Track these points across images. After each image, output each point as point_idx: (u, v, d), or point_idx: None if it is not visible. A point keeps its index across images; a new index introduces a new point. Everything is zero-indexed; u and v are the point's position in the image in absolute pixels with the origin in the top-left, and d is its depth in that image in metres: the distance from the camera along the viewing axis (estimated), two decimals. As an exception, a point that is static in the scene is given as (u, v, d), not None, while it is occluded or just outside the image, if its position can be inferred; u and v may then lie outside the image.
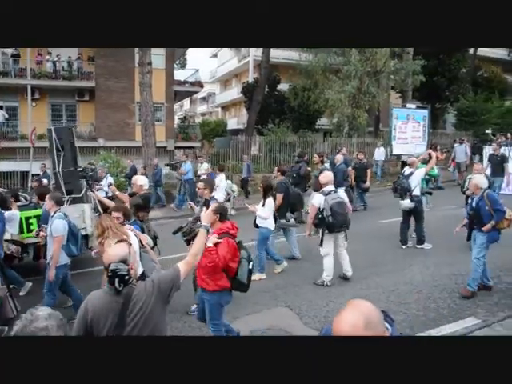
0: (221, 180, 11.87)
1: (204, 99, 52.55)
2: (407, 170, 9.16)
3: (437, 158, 10.77)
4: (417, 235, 8.94)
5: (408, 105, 20.18)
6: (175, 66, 30.70)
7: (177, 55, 27.99)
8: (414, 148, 17.46)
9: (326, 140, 21.45)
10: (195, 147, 25.23)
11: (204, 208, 3.64)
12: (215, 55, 44.61)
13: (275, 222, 7.55)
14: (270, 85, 26.83)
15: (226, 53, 41.20)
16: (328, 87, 20.75)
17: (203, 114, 51.79)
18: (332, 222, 6.57)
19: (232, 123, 37.52)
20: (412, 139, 18.23)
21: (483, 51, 37.06)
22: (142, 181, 6.87)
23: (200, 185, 6.16)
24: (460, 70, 29.16)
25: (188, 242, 5.49)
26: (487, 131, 19.09)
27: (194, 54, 75.32)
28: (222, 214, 4.54)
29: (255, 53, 31.58)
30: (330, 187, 6.85)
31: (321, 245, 6.83)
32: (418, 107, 19.97)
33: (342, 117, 20.53)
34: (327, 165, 11.48)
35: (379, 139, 21.31)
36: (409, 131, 18.55)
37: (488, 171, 11.50)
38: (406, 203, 8.59)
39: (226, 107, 43.92)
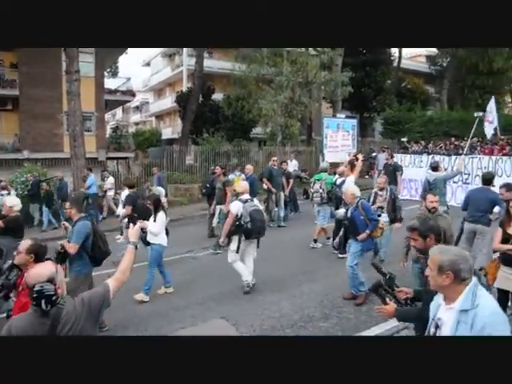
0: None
1: (137, 108, 51.43)
2: (339, 179, 9.37)
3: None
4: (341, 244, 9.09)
5: (338, 115, 20.98)
6: (106, 74, 29.83)
7: (107, 63, 27.21)
8: (345, 156, 18.11)
9: (261, 149, 21.72)
10: (128, 157, 24.57)
11: (131, 224, 3.52)
12: (148, 64, 43.86)
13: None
14: (204, 94, 26.78)
15: (159, 61, 40.69)
16: (261, 97, 21.09)
17: (137, 124, 50.64)
18: (251, 229, 6.69)
19: (167, 133, 37.01)
20: (342, 147, 18.91)
21: (406, 64, 39.39)
22: (11, 202, 6.29)
23: (67, 204, 5.73)
24: (385, 81, 30.79)
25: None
26: (403, 139, 20.20)
27: (125, 62, 73.66)
28: (37, 253, 3.85)
29: (189, 62, 31.44)
30: (247, 195, 7.03)
31: (237, 251, 6.87)
32: (347, 117, 20.81)
33: (275, 126, 20.91)
34: (233, 176, 12.03)
35: (310, 148, 21.94)
36: (339, 140, 19.24)
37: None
38: (342, 212, 8.74)
39: (160, 116, 43.28)
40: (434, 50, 42.85)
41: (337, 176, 9.78)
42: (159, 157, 20.34)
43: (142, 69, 46.59)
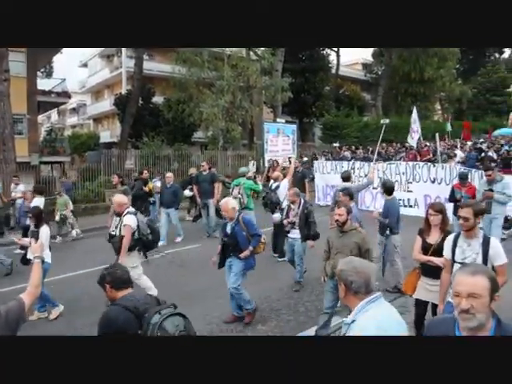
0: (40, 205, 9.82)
1: (74, 110, 49.51)
2: (274, 184, 9.42)
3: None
4: (279, 248, 8.95)
5: (278, 119, 21.27)
6: (40, 74, 28.53)
7: (41, 63, 26.02)
8: (286, 160, 18.41)
9: (203, 153, 21.61)
10: (64, 162, 23.61)
11: (33, 240, 3.37)
12: (85, 64, 42.34)
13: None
14: (144, 97, 26.29)
15: (97, 62, 39.42)
16: (202, 101, 21.02)
17: (73, 127, 48.74)
18: (152, 240, 6.54)
19: (105, 136, 35.88)
20: (283, 152, 19.16)
21: (344, 71, 40.78)
22: None
23: None
24: (324, 87, 31.70)
25: None
26: (334, 144, 20.89)
27: (61, 62, 70.66)
28: None
29: (128, 64, 30.74)
30: (131, 208, 6.58)
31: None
32: (287, 122, 21.18)
33: (216, 130, 20.90)
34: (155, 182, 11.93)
35: (251, 152, 22.11)
36: (279, 144, 19.49)
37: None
38: (277, 216, 8.52)
39: (98, 119, 41.91)
40: (369, 59, 44.68)
41: (272, 181, 9.80)
42: (97, 161, 19.68)
43: (78, 69, 44.85)
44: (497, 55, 52.93)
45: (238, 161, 20.99)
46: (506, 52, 53.94)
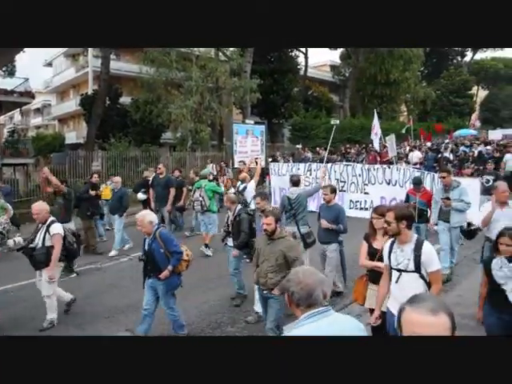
0: None
1: (38, 111, 48.26)
2: (241, 185, 9.44)
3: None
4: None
5: (247, 120, 21.29)
6: (1, 73, 27.65)
7: (2, 61, 25.19)
8: (252, 161, 18.47)
9: (171, 154, 21.44)
10: (27, 164, 22.93)
11: None
12: (50, 64, 41.29)
13: None
14: (111, 97, 25.87)
15: (62, 61, 38.51)
16: (170, 101, 20.86)
17: (38, 127, 47.48)
18: (76, 249, 6.46)
19: (71, 137, 35.11)
20: (252, 153, 19.20)
21: (312, 73, 41.23)
22: None
23: None
24: (292, 89, 31.95)
25: None
26: (297, 146, 21.11)
27: (24, 61, 68.70)
28: None
29: (95, 63, 30.17)
30: (52, 217, 6.31)
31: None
32: (256, 123, 21.20)
33: (185, 131, 20.78)
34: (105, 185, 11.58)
35: (220, 154, 22.10)
36: (248, 145, 19.53)
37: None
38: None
39: (63, 120, 40.94)
40: (337, 61, 45.33)
41: (239, 182, 9.81)
42: (62, 163, 19.23)
43: (43, 69, 43.73)
44: (459, 58, 54.66)
45: (207, 162, 20.94)
46: (468, 55, 55.85)
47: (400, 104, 41.83)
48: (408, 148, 22.57)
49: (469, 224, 7.50)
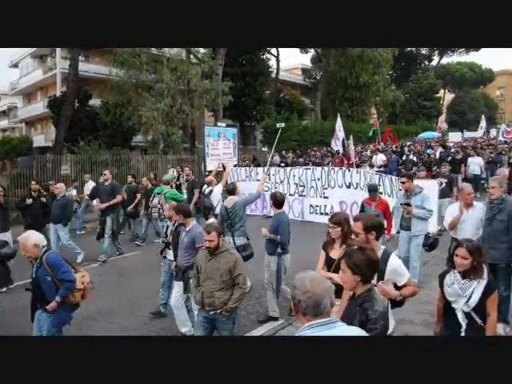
0: None
1: (4, 113, 46.92)
2: (207, 189, 9.32)
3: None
4: None
5: (219, 123, 21.33)
6: (-36, 74, 26.82)
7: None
8: (219, 166, 18.44)
9: (143, 157, 21.19)
10: (-8, 167, 22.27)
11: None
12: (16, 65, 40.23)
13: None
14: (80, 100, 25.36)
15: (28, 62, 37.58)
16: (141, 104, 20.63)
17: (4, 130, 46.11)
18: (11, 253, 6.37)
19: (39, 140, 34.22)
20: (224, 155, 19.20)
21: (284, 76, 41.52)
22: None
23: None
24: (264, 92, 32.09)
25: None
26: (263, 149, 21.21)
27: (-11, 62, 66.66)
28: None
29: (63, 65, 29.55)
30: None
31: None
32: (228, 125, 21.23)
33: (156, 134, 20.58)
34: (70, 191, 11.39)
35: (192, 157, 22.00)
36: (220, 148, 19.52)
37: None
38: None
39: (30, 123, 39.92)
40: (308, 64, 45.80)
41: (205, 186, 9.62)
42: (30, 167, 18.73)
43: (8, 70, 42.52)
44: (426, 62, 56.07)
45: (180, 165, 20.79)
46: (435, 60, 57.34)
47: (370, 107, 42.56)
48: (369, 151, 22.79)
49: (428, 235, 6.96)
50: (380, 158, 18.61)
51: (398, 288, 3.44)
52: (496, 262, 5.40)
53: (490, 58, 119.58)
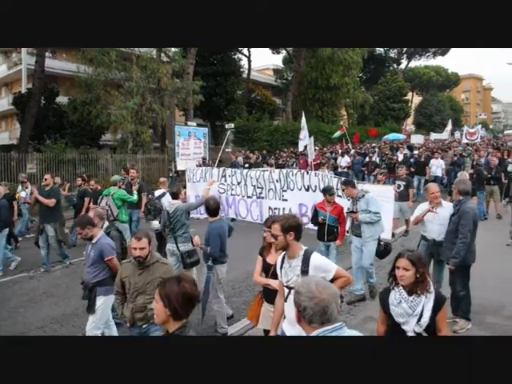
0: None
1: (-34, 109, 45.31)
2: (159, 191, 9.04)
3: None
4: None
5: (189, 123, 21.24)
6: None
7: None
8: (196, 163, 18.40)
9: (112, 156, 20.86)
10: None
11: None
12: (-21, 60, 38.95)
13: None
14: (46, 97, 24.73)
15: (-8, 58, 36.43)
16: (110, 102, 20.30)
17: (-34, 127, 44.59)
18: None
19: (3, 138, 33.23)
20: (194, 155, 19.18)
21: (255, 76, 41.63)
22: None
23: None
24: (235, 91, 32.09)
25: None
26: (227, 150, 21.20)
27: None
28: None
29: (29, 61, 28.75)
30: None
31: None
32: (198, 125, 21.18)
33: (125, 133, 20.29)
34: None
35: (162, 156, 21.82)
36: (191, 148, 19.50)
37: None
38: (156, 224, 7.94)
39: (-5, 119, 38.73)
40: (280, 65, 46.05)
41: (157, 190, 9.32)
42: (-7, 165, 18.18)
43: (-29, 65, 41.08)
44: (395, 65, 57.24)
45: (149, 164, 20.58)
46: (403, 63, 58.65)
47: (340, 108, 43.13)
48: (333, 152, 22.69)
49: (379, 242, 6.73)
50: (345, 160, 18.75)
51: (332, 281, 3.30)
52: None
53: (456, 63, 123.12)
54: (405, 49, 55.14)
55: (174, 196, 6.94)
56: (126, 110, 19.18)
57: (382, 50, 54.46)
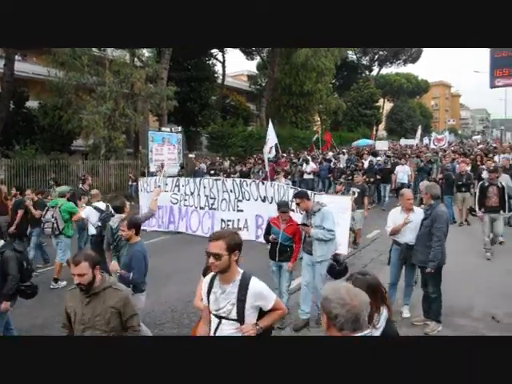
0: None
1: None
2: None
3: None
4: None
5: (163, 128, 21.12)
6: None
7: None
8: (171, 169, 18.26)
9: (83, 162, 20.52)
10: None
11: None
12: None
13: None
14: (15, 101, 24.20)
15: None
16: (82, 107, 20.01)
17: None
18: None
19: (-30, 143, 32.31)
20: (168, 161, 19.06)
21: (229, 82, 41.71)
22: None
23: None
24: (210, 97, 32.08)
25: None
26: (190, 155, 21.19)
27: None
28: None
29: (-3, 64, 28.08)
30: None
31: None
32: (172, 130, 21.07)
33: (98, 138, 20.01)
34: None
35: (136, 162, 21.61)
36: (165, 153, 19.37)
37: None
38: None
39: (-39, 124, 37.53)
40: (254, 71, 46.27)
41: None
42: (-42, 171, 17.65)
43: None
44: (367, 72, 58.29)
45: (122, 170, 20.33)
46: (375, 70, 59.80)
47: (314, 114, 43.56)
48: (302, 158, 22.74)
49: (335, 259, 5.89)
50: (311, 166, 18.51)
51: (264, 314, 2.96)
52: (423, 264, 5.78)
53: (426, 70, 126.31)
54: (376, 56, 56.29)
55: (118, 210, 6.18)
56: (98, 115, 18.92)
57: (354, 56, 55.43)
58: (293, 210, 7.41)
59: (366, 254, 10.02)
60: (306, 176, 18.21)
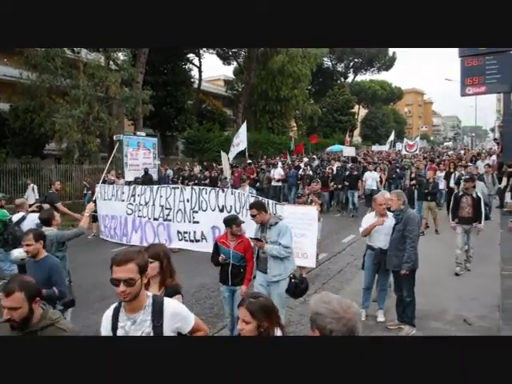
0: None
1: None
2: (16, 215, 7.49)
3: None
4: None
5: (138, 133, 20.89)
6: None
7: None
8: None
9: (56, 167, 20.11)
10: None
11: None
12: None
13: None
14: (-15, 104, 23.63)
15: None
16: (55, 110, 19.62)
17: None
18: None
19: None
20: (143, 165, 18.86)
21: (206, 86, 41.63)
22: None
23: None
24: (186, 102, 31.94)
25: None
26: (155, 162, 21.09)
27: None
28: None
29: (-34, 66, 27.37)
30: None
31: None
32: (147, 135, 20.86)
33: (71, 142, 19.64)
34: None
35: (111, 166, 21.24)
36: (140, 158, 19.15)
37: None
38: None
39: None
40: (231, 76, 46.32)
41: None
42: None
43: None
44: (342, 79, 59.13)
45: (96, 175, 19.99)
46: (350, 77, 60.69)
47: (290, 119, 43.86)
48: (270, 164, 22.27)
49: (294, 278, 5.33)
50: (278, 173, 18.32)
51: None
52: (397, 268, 5.87)
53: (399, 78, 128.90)
54: (351, 63, 57.17)
55: (45, 223, 5.58)
56: (71, 119, 18.58)
57: (329, 63, 56.15)
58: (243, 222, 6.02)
59: (341, 258, 10.13)
60: (273, 183, 18.19)
